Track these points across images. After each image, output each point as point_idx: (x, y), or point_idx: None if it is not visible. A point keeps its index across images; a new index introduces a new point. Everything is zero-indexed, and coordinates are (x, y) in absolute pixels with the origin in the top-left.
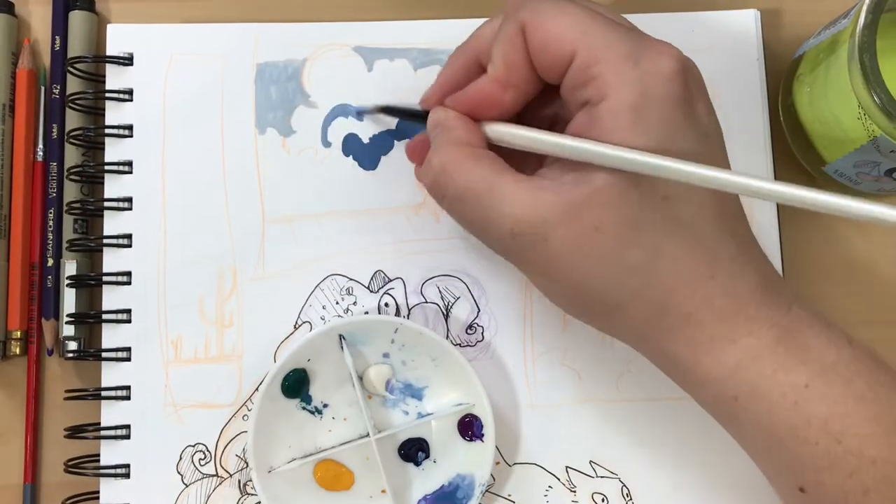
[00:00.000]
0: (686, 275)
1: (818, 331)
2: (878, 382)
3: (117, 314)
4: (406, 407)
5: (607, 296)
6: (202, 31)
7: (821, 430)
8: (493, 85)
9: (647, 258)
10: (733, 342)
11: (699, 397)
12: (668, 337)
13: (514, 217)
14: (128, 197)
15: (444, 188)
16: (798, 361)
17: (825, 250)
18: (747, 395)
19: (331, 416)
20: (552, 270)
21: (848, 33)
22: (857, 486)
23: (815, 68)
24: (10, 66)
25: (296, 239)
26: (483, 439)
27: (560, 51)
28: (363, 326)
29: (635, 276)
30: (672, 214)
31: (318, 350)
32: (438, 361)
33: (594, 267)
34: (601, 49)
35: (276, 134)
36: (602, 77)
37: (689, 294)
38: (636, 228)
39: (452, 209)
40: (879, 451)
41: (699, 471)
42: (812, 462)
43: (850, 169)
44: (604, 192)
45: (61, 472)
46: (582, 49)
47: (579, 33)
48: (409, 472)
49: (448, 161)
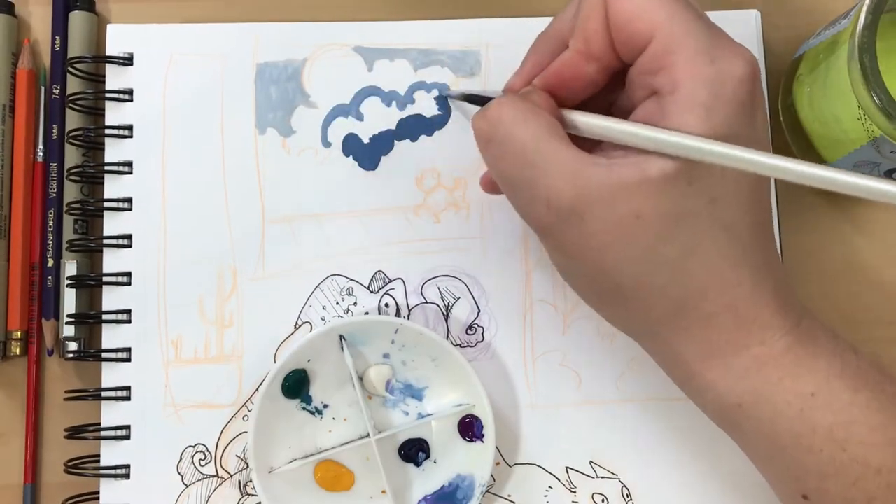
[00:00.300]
0: (716, 276)
1: (826, 341)
2: (884, 392)
3: (117, 314)
4: (406, 407)
5: (630, 286)
6: (202, 31)
7: (826, 438)
8: (576, 56)
9: (680, 255)
10: (745, 349)
11: (700, 401)
12: (681, 336)
13: (554, 185)
14: (128, 197)
15: (492, 130)
16: (805, 370)
17: (825, 250)
18: (752, 402)
19: (331, 416)
20: (581, 250)
21: (848, 34)
22: (862, 494)
23: (815, 68)
24: (10, 66)
25: (296, 239)
26: (483, 440)
27: (639, 29)
28: (363, 327)
29: (664, 271)
30: (715, 216)
31: (319, 350)
32: (439, 362)
33: (626, 254)
34: (680, 38)
35: (276, 134)
36: (676, 68)
37: (714, 297)
38: (677, 224)
39: (492, 157)
40: (884, 460)
41: (699, 471)
42: (816, 469)
43: (850, 169)
44: (656, 182)
45: (61, 472)
46: (661, 33)
47: (662, 15)
48: (409, 472)
49: (506, 104)
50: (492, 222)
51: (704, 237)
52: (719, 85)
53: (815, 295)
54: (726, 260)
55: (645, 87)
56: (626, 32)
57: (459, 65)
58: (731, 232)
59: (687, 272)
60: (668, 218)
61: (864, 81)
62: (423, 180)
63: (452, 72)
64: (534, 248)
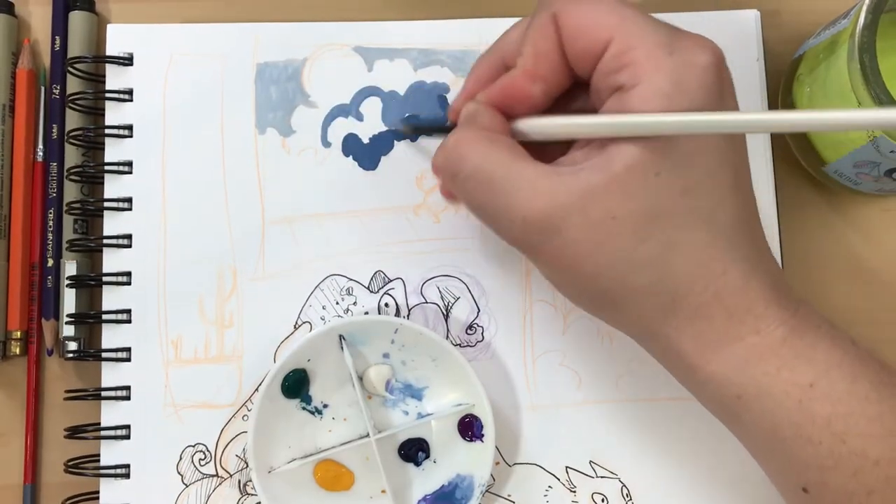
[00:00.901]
0: (699, 269)
1: (824, 332)
2: (882, 383)
3: (117, 314)
4: (406, 407)
5: (617, 289)
6: (202, 31)
7: (825, 429)
8: (523, 76)
9: (660, 252)
10: (740, 339)
11: (702, 395)
12: (675, 332)
13: (527, 203)
14: (128, 197)
15: (457, 167)
16: (804, 361)
17: (825, 250)
18: (751, 393)
19: (331, 416)
20: (563, 260)
21: (848, 33)
22: (861, 486)
23: (815, 68)
24: (10, 66)
25: (296, 239)
26: (483, 440)
27: (596, 37)
28: (363, 327)
29: (648, 271)
30: (690, 207)
31: (318, 350)
32: (438, 362)
33: (607, 258)
34: (637, 36)
35: (276, 134)
36: (637, 63)
37: (700, 289)
38: (652, 220)
39: (462, 191)
40: (882, 451)
41: (699, 471)
42: (816, 462)
43: (849, 169)
44: (622, 179)
45: (61, 472)
46: (618, 36)
47: (616, 20)
48: (408, 472)
49: (463, 139)
50: None
51: (683, 231)
52: (680, 74)
53: (816, 295)
54: (707, 250)
55: (608, 88)
56: (582, 43)
57: (459, 64)
58: (711, 224)
59: (670, 269)
60: (643, 215)
61: (864, 81)
62: (423, 180)
63: (452, 72)
64: None
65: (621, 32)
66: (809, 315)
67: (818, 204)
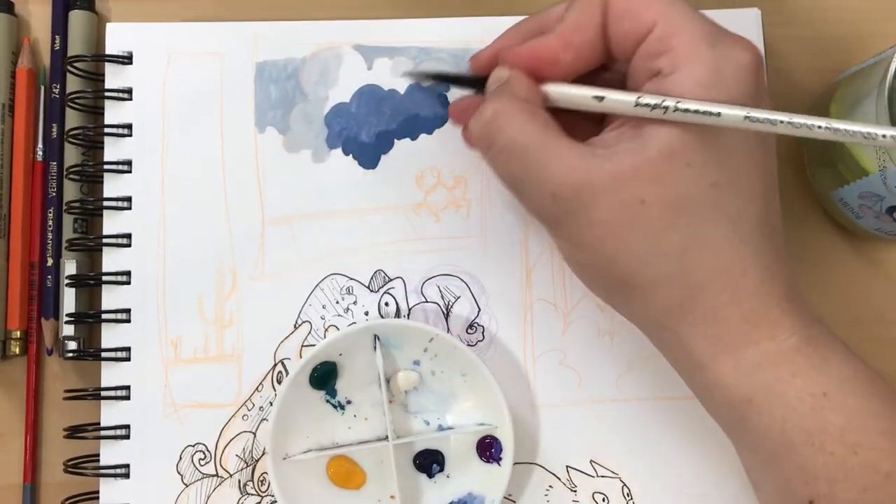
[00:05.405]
0: (720, 266)
1: (837, 347)
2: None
3: (117, 314)
4: (428, 417)
5: (636, 275)
6: (201, 29)
7: (837, 440)
8: (557, 42)
9: (684, 243)
10: (755, 343)
11: (707, 395)
12: (688, 329)
13: (559, 178)
14: (127, 196)
15: (493, 138)
16: (817, 372)
17: (825, 251)
18: (763, 397)
19: (353, 413)
20: (586, 238)
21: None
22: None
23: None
24: (10, 65)
25: (295, 238)
26: (500, 463)
27: (641, 19)
28: (399, 330)
29: (668, 261)
30: (718, 202)
31: (351, 346)
32: (468, 378)
33: (631, 242)
34: (682, 25)
35: (275, 133)
36: (678, 50)
37: (718, 288)
38: (679, 209)
39: (496, 162)
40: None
41: (699, 470)
42: (826, 474)
43: (854, 199)
44: (655, 165)
45: (61, 472)
46: (663, 21)
47: (664, 7)
48: (420, 482)
49: (502, 111)
50: (492, 221)
51: (708, 225)
52: (720, 67)
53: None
54: (732, 250)
55: (646, 71)
56: (626, 24)
57: (460, 63)
58: (736, 222)
59: (691, 262)
60: (671, 203)
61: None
62: (423, 179)
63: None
64: (534, 247)
65: (667, 19)
66: (823, 330)
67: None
